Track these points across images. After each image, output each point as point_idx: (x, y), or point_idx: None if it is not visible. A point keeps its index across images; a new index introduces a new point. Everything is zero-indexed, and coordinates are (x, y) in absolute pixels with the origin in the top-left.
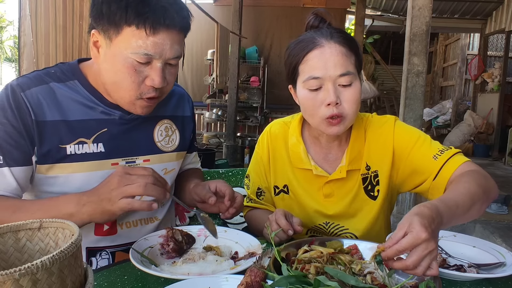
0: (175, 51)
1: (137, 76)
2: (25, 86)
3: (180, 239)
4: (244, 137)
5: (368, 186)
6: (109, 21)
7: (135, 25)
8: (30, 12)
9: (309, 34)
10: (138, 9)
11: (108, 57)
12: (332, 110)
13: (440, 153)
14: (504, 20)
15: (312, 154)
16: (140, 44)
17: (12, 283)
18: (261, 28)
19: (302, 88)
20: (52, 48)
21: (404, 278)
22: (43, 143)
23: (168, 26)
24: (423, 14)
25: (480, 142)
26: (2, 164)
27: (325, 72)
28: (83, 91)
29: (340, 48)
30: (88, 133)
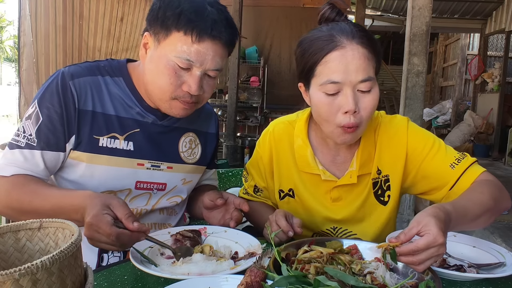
0: (216, 63)
1: (176, 79)
2: (76, 75)
3: (191, 235)
4: (244, 137)
5: (378, 191)
6: (162, 25)
7: (183, 31)
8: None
9: (326, 30)
10: (190, 17)
11: (154, 58)
12: (349, 118)
13: (457, 161)
14: (504, 20)
15: (319, 156)
16: (185, 49)
17: (12, 283)
18: (261, 28)
19: (318, 91)
20: (52, 48)
21: (404, 278)
22: (80, 130)
23: (213, 37)
24: (423, 14)
25: (480, 142)
26: (36, 147)
27: (346, 76)
28: (125, 89)
29: (363, 51)
30: (121, 129)
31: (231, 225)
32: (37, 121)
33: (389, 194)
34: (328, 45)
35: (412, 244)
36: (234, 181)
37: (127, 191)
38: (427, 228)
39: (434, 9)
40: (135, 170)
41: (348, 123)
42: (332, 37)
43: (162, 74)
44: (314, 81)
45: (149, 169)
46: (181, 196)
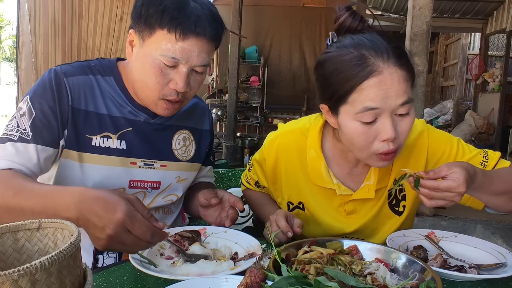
0: (202, 59)
1: (162, 77)
2: (69, 73)
3: (190, 235)
4: (244, 137)
5: (393, 200)
6: (145, 23)
7: (167, 29)
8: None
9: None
10: (173, 14)
11: (139, 56)
12: (388, 146)
13: (486, 159)
14: (505, 19)
15: (334, 169)
16: (169, 47)
17: (11, 283)
18: (261, 28)
19: (352, 120)
20: (50, 47)
21: (404, 278)
22: (73, 129)
23: (198, 34)
24: (423, 14)
25: (481, 142)
26: (30, 140)
27: (385, 102)
28: (116, 89)
29: (401, 73)
30: (114, 128)
31: (226, 224)
32: (30, 116)
33: (404, 204)
34: (362, 71)
35: (436, 181)
36: (234, 181)
37: (121, 190)
38: (455, 175)
39: (434, 8)
40: (128, 169)
41: (387, 150)
42: (365, 60)
43: (148, 72)
44: (345, 109)
45: (142, 168)
46: (177, 194)
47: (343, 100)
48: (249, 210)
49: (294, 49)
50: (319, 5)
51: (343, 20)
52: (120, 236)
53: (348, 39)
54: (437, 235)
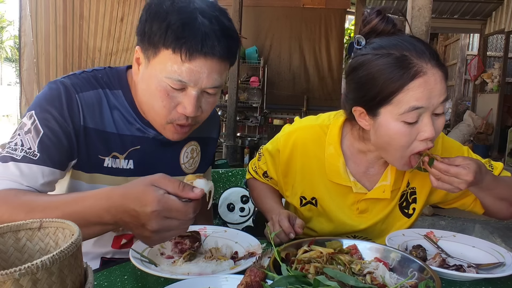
0: (213, 81)
1: (169, 101)
2: (79, 88)
3: (189, 234)
4: (244, 137)
5: (404, 203)
6: (149, 41)
7: (171, 49)
8: (30, 12)
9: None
10: (178, 32)
11: (145, 76)
12: (426, 144)
13: (491, 168)
14: (503, 20)
15: (351, 167)
16: (175, 69)
17: (12, 283)
18: (261, 28)
19: (395, 121)
20: (52, 48)
21: (403, 277)
22: (86, 150)
23: (205, 53)
24: (422, 15)
25: (479, 142)
26: (36, 161)
27: (429, 102)
28: (124, 104)
29: (441, 74)
30: (122, 148)
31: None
32: (37, 134)
33: (414, 207)
34: (407, 72)
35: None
36: (234, 181)
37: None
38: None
39: (433, 9)
40: None
41: (425, 148)
42: (408, 61)
43: (154, 96)
44: (388, 110)
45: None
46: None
47: (386, 101)
48: (249, 210)
49: (294, 49)
50: (319, 5)
51: (375, 24)
52: (163, 227)
53: (385, 41)
54: (436, 234)
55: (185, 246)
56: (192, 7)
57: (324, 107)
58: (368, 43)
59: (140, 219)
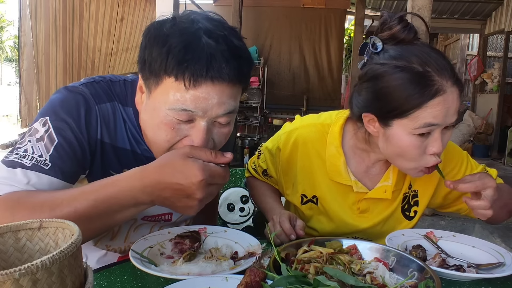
0: (225, 107)
1: (174, 134)
2: (98, 99)
3: (189, 234)
4: (244, 137)
5: (405, 205)
6: (150, 69)
7: (174, 76)
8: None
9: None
10: (179, 56)
11: (148, 108)
12: (436, 159)
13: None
14: (503, 20)
15: (352, 167)
16: (178, 97)
17: (12, 283)
18: (261, 28)
19: (408, 134)
20: (52, 48)
21: (403, 277)
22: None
23: (212, 78)
24: (422, 15)
25: (479, 142)
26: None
27: (444, 120)
28: (134, 122)
29: (458, 92)
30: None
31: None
32: (51, 142)
33: (415, 210)
34: (429, 90)
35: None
36: (234, 181)
37: (132, 221)
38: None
39: (433, 9)
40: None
41: (435, 162)
42: (430, 78)
43: (158, 129)
44: (402, 123)
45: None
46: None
47: (403, 115)
48: (249, 210)
49: (294, 49)
50: (318, 6)
51: (396, 32)
52: (208, 194)
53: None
54: (436, 234)
55: (185, 246)
56: (196, 27)
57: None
58: (385, 50)
59: (186, 191)
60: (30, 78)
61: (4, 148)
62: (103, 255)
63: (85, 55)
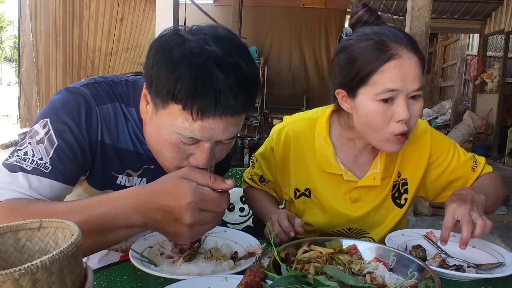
0: (229, 134)
1: (180, 153)
2: (100, 100)
3: None
4: (244, 137)
5: (396, 193)
6: (156, 92)
7: (181, 105)
8: (30, 12)
9: (374, 35)
10: (189, 87)
11: (153, 122)
12: (403, 127)
13: (475, 164)
14: (503, 20)
15: (341, 156)
16: (186, 126)
17: (12, 283)
18: (261, 28)
19: (371, 100)
20: (52, 48)
21: (403, 277)
22: (100, 167)
23: (220, 114)
24: (422, 15)
25: (479, 142)
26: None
27: (403, 85)
28: (137, 123)
29: (416, 59)
30: (137, 166)
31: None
32: (51, 145)
33: (406, 197)
34: (384, 54)
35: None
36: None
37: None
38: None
39: (433, 9)
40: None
41: (402, 131)
42: (385, 45)
43: (164, 145)
44: (365, 90)
45: None
46: None
47: (364, 81)
48: (249, 210)
49: (294, 49)
50: (318, 5)
51: (360, 15)
52: (199, 220)
53: (368, 28)
54: (435, 234)
55: (185, 246)
56: (206, 54)
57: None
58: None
59: (174, 213)
60: (30, 78)
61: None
62: (105, 254)
63: (85, 55)
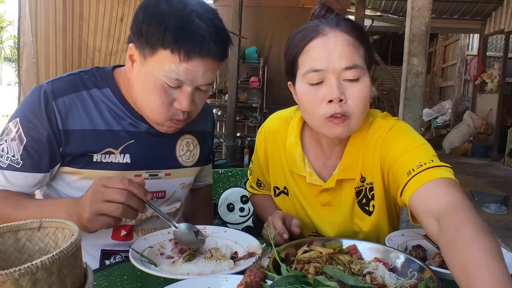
0: (207, 79)
1: (166, 97)
2: (59, 93)
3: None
4: (244, 137)
5: (363, 199)
6: (147, 41)
7: (170, 50)
8: (30, 12)
9: (312, 23)
10: (176, 34)
11: (141, 74)
12: (335, 108)
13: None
14: (503, 20)
15: (311, 158)
16: (173, 68)
17: (12, 283)
18: (261, 28)
19: (301, 83)
20: (51, 48)
21: (403, 278)
22: (70, 150)
23: (203, 55)
24: (422, 15)
25: (479, 142)
26: (20, 168)
27: (328, 64)
28: (114, 100)
29: (347, 37)
30: (116, 143)
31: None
32: (21, 142)
33: (373, 204)
34: (309, 34)
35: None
36: (233, 181)
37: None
38: None
39: (433, 9)
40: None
41: (334, 112)
42: (315, 27)
43: (151, 93)
44: (298, 74)
45: (147, 179)
46: (181, 200)
47: (295, 65)
48: (249, 210)
49: None
50: None
51: (314, 10)
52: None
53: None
54: None
55: (185, 246)
56: (189, 9)
57: None
58: None
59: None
60: (30, 78)
61: None
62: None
63: (85, 55)
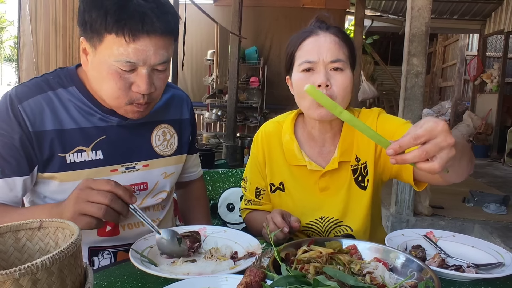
0: (160, 57)
1: (122, 82)
2: (23, 97)
3: (189, 234)
4: (244, 137)
5: (359, 177)
6: (92, 29)
7: (115, 33)
8: (30, 12)
9: (308, 27)
10: (116, 15)
11: (94, 64)
12: (323, 91)
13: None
14: (503, 21)
15: (306, 150)
16: (122, 51)
17: (12, 282)
18: (261, 28)
19: (297, 72)
20: (52, 48)
21: (403, 277)
22: (42, 152)
23: (148, 32)
24: (422, 15)
25: (479, 142)
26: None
27: (319, 56)
28: (80, 98)
29: (334, 38)
30: (86, 141)
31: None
32: None
33: (368, 179)
34: (304, 34)
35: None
36: (234, 181)
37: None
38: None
39: (433, 9)
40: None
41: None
42: (310, 29)
43: (107, 80)
44: (294, 66)
45: (125, 173)
46: (166, 190)
47: (292, 59)
48: None
49: None
50: (318, 6)
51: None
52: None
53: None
54: (435, 234)
55: (185, 246)
56: None
57: None
58: None
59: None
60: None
61: None
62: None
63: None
